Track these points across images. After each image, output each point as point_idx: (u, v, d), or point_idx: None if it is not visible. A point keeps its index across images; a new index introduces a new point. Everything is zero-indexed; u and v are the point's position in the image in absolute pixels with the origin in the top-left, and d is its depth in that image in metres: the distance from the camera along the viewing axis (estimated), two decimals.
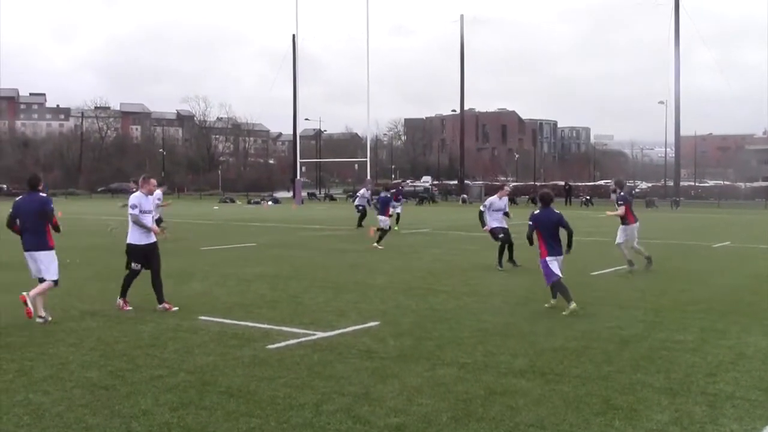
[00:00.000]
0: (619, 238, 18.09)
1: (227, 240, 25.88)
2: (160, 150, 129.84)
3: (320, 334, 10.10)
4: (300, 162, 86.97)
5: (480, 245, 22.98)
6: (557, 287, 12.10)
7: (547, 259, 12.21)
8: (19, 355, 8.91)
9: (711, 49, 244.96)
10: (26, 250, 11.21)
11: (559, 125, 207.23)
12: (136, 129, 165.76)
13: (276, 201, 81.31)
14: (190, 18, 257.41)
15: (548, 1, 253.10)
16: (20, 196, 11.58)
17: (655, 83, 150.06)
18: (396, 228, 30.22)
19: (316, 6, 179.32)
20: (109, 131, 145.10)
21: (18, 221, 11.22)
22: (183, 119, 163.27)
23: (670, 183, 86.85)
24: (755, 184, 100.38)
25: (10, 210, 11.31)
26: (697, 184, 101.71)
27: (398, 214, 33.04)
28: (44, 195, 11.42)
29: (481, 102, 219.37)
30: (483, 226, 18.65)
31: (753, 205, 76.11)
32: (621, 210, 17.90)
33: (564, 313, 11.66)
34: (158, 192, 19.24)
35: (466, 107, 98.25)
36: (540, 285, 14.97)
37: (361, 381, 7.78)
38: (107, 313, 11.76)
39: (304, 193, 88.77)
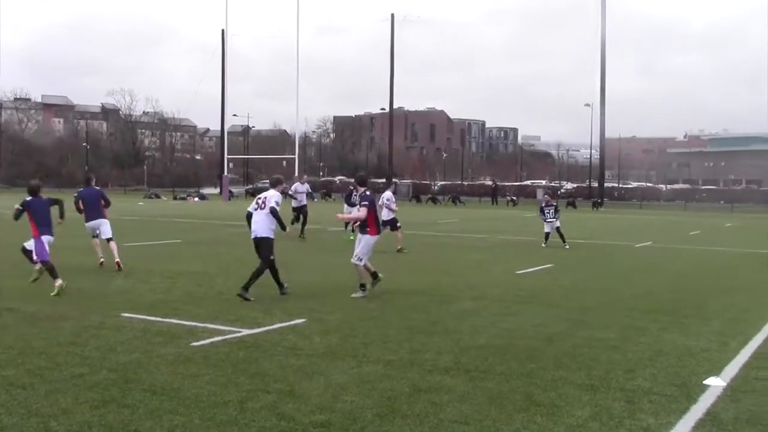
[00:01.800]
0: (359, 252, 13.65)
1: (152, 236, 25.59)
2: (84, 144, 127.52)
3: (246, 332, 10.03)
4: (227, 158, 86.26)
5: (409, 243, 23.08)
6: None
7: None
8: None
9: (636, 54, 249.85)
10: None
11: (487, 125, 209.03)
12: (59, 122, 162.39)
13: (203, 197, 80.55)
14: (118, 10, 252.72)
15: (477, 2, 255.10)
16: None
17: (582, 86, 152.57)
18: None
19: (247, 1, 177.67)
20: (29, 123, 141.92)
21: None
22: (108, 113, 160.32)
23: (595, 184, 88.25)
24: (676, 186, 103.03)
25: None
26: (620, 185, 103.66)
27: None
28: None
29: (411, 101, 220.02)
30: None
31: (674, 207, 78.07)
32: (361, 212, 13.74)
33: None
34: None
35: (395, 106, 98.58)
36: (468, 284, 15.14)
37: (287, 378, 7.75)
38: (26, 309, 11.49)
39: (236, 190, 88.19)
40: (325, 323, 10.75)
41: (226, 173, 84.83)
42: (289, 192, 26.05)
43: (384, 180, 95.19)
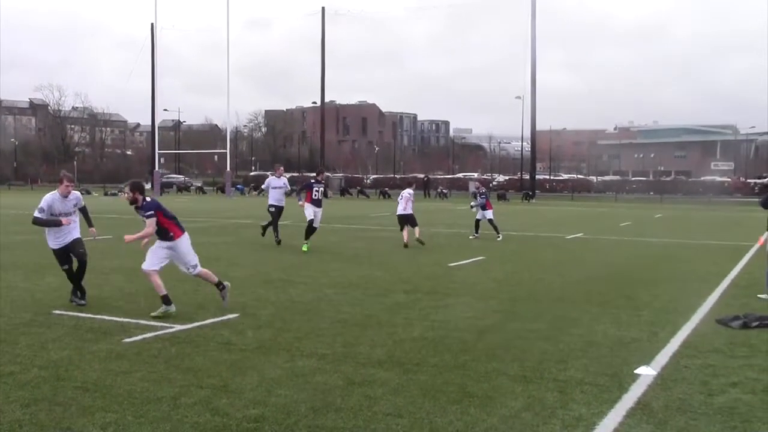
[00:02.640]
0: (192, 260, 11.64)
1: (83, 232, 25.18)
2: (12, 140, 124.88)
3: (178, 327, 9.99)
4: (158, 153, 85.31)
5: (341, 237, 23.14)
6: None
7: None
8: None
9: (565, 48, 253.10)
10: None
11: (418, 118, 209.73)
12: None
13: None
14: (46, 5, 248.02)
15: None
16: None
17: (512, 79, 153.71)
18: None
19: None
20: None
21: None
22: (36, 108, 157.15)
23: (527, 176, 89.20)
24: (606, 178, 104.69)
25: None
26: (552, 177, 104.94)
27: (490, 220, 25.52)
28: None
29: (342, 94, 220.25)
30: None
31: (604, 198, 79.36)
32: (149, 228, 11.47)
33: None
34: None
35: (327, 99, 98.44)
36: (400, 277, 15.25)
37: (220, 373, 7.75)
38: None
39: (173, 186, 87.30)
40: (258, 318, 10.75)
41: (157, 168, 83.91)
42: (262, 187, 23.63)
43: (315, 174, 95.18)
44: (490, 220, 24.96)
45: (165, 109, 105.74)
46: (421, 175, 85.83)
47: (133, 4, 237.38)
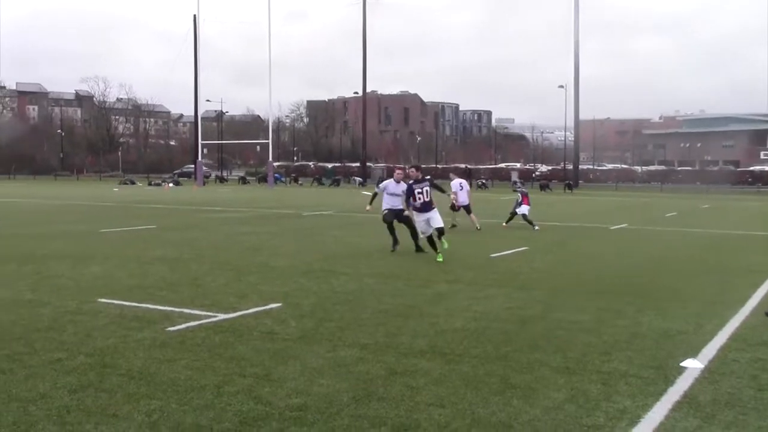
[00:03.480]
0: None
1: (127, 222, 25.46)
2: (59, 131, 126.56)
3: (221, 316, 10.06)
4: (201, 143, 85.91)
5: (383, 227, 23.15)
6: None
7: None
8: None
9: (609, 36, 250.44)
10: None
11: (460, 108, 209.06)
12: (33, 109, 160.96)
13: (177, 183, 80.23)
14: (90, 0, 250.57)
15: None
16: None
17: (555, 68, 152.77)
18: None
19: None
20: (4, 111, 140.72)
21: None
22: (82, 99, 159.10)
23: (570, 166, 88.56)
24: (651, 168, 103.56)
25: None
26: (595, 167, 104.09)
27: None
28: None
29: (384, 85, 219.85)
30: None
31: (649, 188, 78.53)
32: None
33: None
34: None
35: (368, 90, 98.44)
36: (442, 267, 15.23)
37: (263, 362, 7.79)
38: (3, 296, 11.48)
39: (213, 175, 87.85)
40: (301, 308, 10.78)
41: (200, 159, 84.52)
42: (376, 191, 19.13)
43: (358, 164, 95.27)
44: (523, 215, 24.79)
45: (208, 100, 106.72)
46: (462, 165, 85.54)
47: None
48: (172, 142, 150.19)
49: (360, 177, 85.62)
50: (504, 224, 24.97)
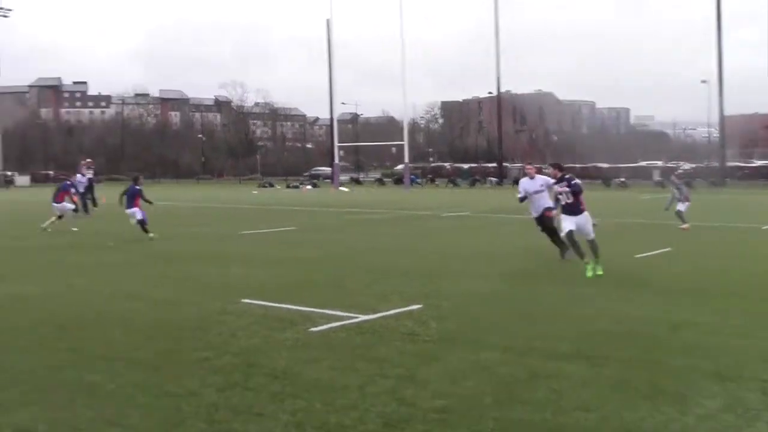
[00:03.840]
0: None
1: (267, 224, 25.99)
2: (199, 135, 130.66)
3: (362, 317, 10.10)
4: (338, 146, 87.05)
5: (521, 227, 22.88)
6: None
7: None
8: (71, 336, 9.07)
9: (753, 26, 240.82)
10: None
11: (597, 106, 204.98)
12: (175, 115, 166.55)
13: (315, 185, 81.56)
14: (226, 8, 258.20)
15: None
16: None
17: (696, 63, 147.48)
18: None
19: None
20: (149, 118, 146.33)
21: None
22: (221, 105, 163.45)
23: (715, 163, 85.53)
24: None
25: None
26: (744, 164, 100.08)
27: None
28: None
29: (518, 84, 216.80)
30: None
31: None
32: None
33: None
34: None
35: (502, 89, 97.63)
36: (584, 268, 14.87)
37: (405, 363, 7.78)
38: (152, 296, 11.88)
39: (345, 177, 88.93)
40: (441, 309, 10.73)
41: (336, 161, 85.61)
42: (518, 196, 17.03)
43: (495, 164, 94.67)
44: (678, 211, 23.90)
45: (343, 103, 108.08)
46: (605, 165, 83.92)
47: (309, 1, 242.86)
48: (309, 145, 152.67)
49: (496, 177, 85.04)
50: (683, 227, 23.61)
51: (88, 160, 37.03)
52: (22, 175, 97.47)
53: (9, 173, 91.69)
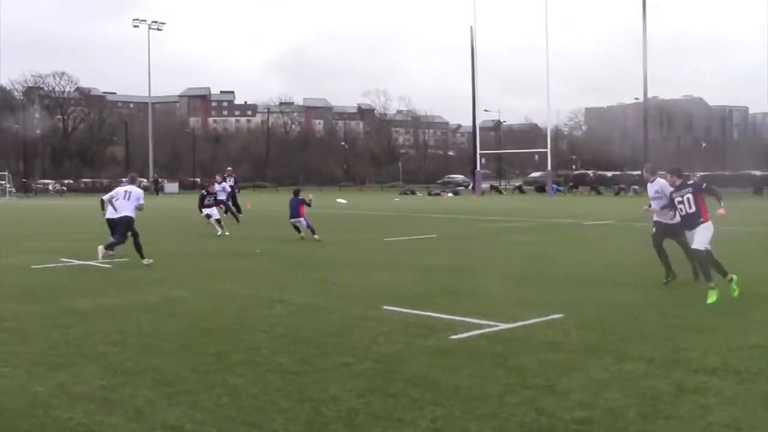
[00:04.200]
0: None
1: (409, 231, 26.20)
2: (342, 143, 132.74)
3: (503, 326, 10.05)
4: (480, 153, 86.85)
5: None
6: None
7: None
8: (216, 340, 9.34)
9: None
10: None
11: (750, 111, 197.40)
12: (319, 123, 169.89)
13: (456, 192, 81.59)
14: (369, 18, 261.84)
15: None
16: None
17: None
18: None
19: None
20: (293, 126, 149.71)
21: None
22: (364, 113, 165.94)
23: None
24: None
25: None
26: None
27: None
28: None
29: (665, 89, 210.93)
30: None
31: None
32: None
33: None
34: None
35: (649, 95, 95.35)
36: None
37: (545, 373, 7.69)
38: (294, 301, 12.13)
39: (485, 185, 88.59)
40: (583, 318, 10.55)
41: (478, 168, 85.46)
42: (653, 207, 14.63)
43: (639, 173, 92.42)
44: None
45: (485, 110, 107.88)
46: (757, 173, 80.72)
47: (452, 10, 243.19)
48: (451, 153, 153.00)
49: (640, 185, 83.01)
50: None
51: (229, 168, 38.25)
52: (171, 182, 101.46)
53: (160, 180, 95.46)
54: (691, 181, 13.55)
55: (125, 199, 17.12)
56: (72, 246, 21.40)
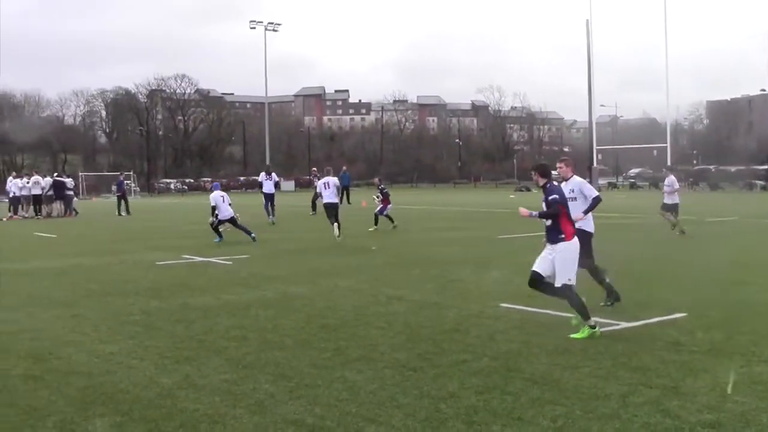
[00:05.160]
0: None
1: (523, 229, 25.83)
2: (456, 140, 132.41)
3: (624, 324, 9.84)
4: (596, 149, 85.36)
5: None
6: None
7: None
8: (335, 336, 9.43)
9: None
10: None
11: None
12: (433, 120, 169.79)
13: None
14: (483, 13, 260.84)
15: None
16: None
17: None
18: None
19: None
20: (407, 123, 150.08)
21: None
22: (477, 109, 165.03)
23: None
24: None
25: None
26: None
27: None
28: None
29: None
30: None
31: None
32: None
33: None
34: None
35: None
36: None
37: (669, 374, 7.48)
38: (411, 298, 12.15)
39: (603, 181, 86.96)
40: (708, 318, 10.23)
41: (594, 164, 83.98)
42: None
43: (766, 167, 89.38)
44: None
45: (601, 105, 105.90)
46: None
47: (568, 5, 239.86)
48: (566, 149, 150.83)
49: (765, 181, 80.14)
50: None
51: (344, 167, 39.31)
52: (287, 180, 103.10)
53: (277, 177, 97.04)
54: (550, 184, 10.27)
55: (327, 189, 22.95)
56: (193, 243, 21.99)
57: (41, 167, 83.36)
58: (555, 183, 10.14)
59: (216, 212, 21.96)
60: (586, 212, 11.62)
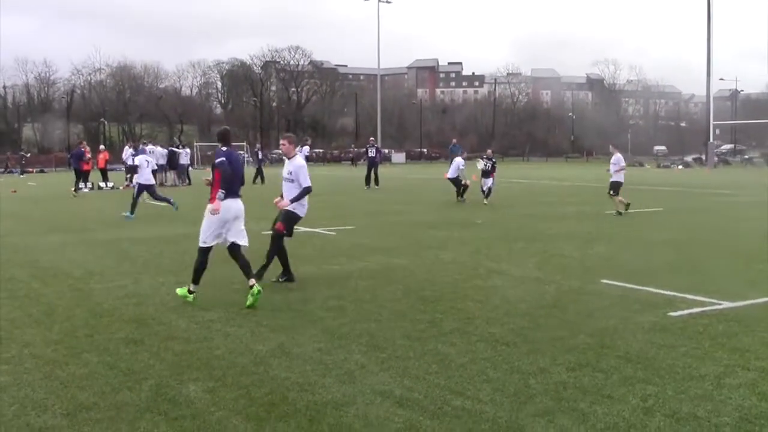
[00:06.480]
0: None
1: (633, 204, 25.45)
2: (570, 114, 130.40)
3: (726, 304, 9.62)
4: (713, 124, 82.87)
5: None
6: None
7: None
8: (431, 308, 9.52)
9: None
10: None
11: None
12: (546, 94, 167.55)
13: (687, 165, 78.44)
14: None
15: None
16: None
17: None
18: None
19: None
20: (520, 97, 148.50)
21: None
22: (592, 83, 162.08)
23: None
24: None
25: None
26: None
27: None
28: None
29: None
30: None
31: None
32: None
33: None
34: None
35: None
36: None
37: None
38: (512, 272, 12.13)
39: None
40: None
41: (711, 140, 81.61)
42: None
43: None
44: None
45: (721, 79, 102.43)
46: None
47: None
48: (683, 124, 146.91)
49: None
50: None
51: (454, 140, 40.33)
52: (398, 153, 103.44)
53: (386, 151, 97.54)
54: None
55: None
56: None
57: (158, 137, 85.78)
58: (223, 149, 10.31)
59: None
60: (293, 201, 11.70)
